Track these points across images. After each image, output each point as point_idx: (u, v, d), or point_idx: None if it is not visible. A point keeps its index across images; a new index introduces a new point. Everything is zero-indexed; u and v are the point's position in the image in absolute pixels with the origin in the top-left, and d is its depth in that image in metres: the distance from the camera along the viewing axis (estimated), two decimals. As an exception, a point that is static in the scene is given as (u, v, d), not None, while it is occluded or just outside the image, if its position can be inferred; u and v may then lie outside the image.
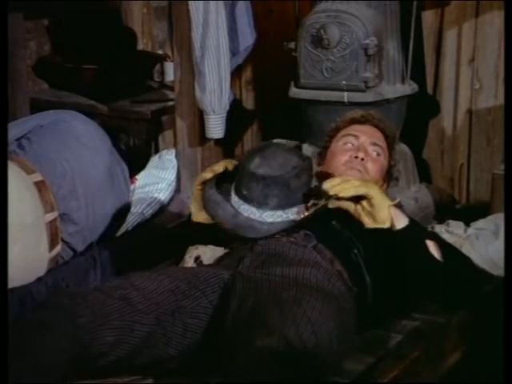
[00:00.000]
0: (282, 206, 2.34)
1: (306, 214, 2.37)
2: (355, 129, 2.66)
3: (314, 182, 2.45)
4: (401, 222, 2.29)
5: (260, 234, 2.35)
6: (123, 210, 2.97)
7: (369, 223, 2.29)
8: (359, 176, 2.52)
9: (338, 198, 2.28)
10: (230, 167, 2.42)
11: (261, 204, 2.33)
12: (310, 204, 2.38)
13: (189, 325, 2.14)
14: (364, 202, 2.27)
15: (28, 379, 1.91)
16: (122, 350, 2.05)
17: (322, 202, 2.36)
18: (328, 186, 2.27)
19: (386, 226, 2.27)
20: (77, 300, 2.05)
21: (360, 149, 2.59)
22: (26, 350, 1.93)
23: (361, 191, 2.25)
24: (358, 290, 2.30)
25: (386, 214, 2.27)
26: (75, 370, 2.02)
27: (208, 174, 2.43)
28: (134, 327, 2.06)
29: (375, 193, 2.27)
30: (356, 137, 2.62)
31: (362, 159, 2.56)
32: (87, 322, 2.00)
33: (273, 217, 2.35)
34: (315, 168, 2.67)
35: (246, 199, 2.35)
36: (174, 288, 2.17)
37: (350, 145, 2.63)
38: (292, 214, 2.36)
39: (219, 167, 2.43)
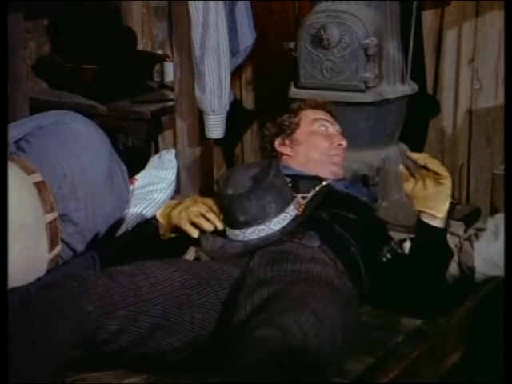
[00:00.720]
0: (281, 208, 2.35)
1: (303, 207, 2.39)
2: (324, 115, 2.72)
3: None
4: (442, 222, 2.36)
5: (270, 242, 2.35)
6: (122, 211, 2.97)
7: (422, 205, 2.33)
8: (341, 170, 2.65)
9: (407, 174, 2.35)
10: (220, 226, 2.39)
11: (263, 217, 2.33)
12: (300, 197, 2.40)
13: (197, 320, 2.14)
14: (431, 184, 2.31)
15: (32, 363, 1.92)
16: (125, 338, 2.06)
17: (310, 194, 2.40)
18: (416, 155, 2.36)
19: (440, 216, 2.32)
20: (85, 285, 2.05)
21: (342, 137, 2.68)
22: (32, 335, 1.94)
23: (443, 171, 2.31)
24: (358, 290, 2.31)
25: (446, 205, 2.32)
26: (78, 357, 2.04)
27: (195, 233, 2.40)
28: (138, 318, 2.06)
29: (449, 182, 2.32)
30: (331, 123, 2.70)
31: (344, 148, 2.67)
32: (94, 309, 2.00)
33: (279, 222, 2.35)
34: (281, 146, 2.71)
35: (247, 223, 2.33)
36: (183, 281, 2.17)
37: (323, 129, 2.69)
38: (292, 210, 2.37)
39: (209, 226, 2.38)
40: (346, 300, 2.15)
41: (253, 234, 2.34)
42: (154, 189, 3.17)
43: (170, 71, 3.87)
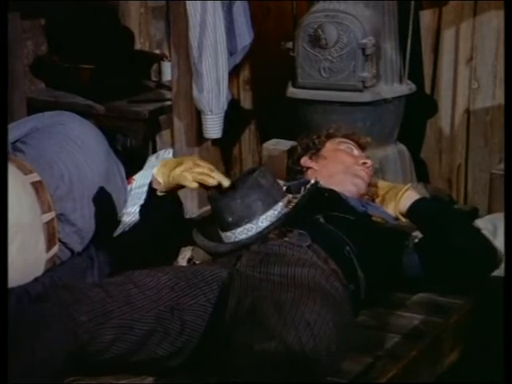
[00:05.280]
0: (268, 205, 2.36)
1: (293, 204, 2.40)
2: (351, 141, 2.85)
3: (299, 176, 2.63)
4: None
5: (258, 238, 2.37)
6: (120, 211, 2.97)
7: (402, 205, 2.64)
8: (363, 184, 2.74)
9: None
10: (226, 182, 2.38)
11: (250, 216, 2.35)
12: (291, 197, 2.43)
13: (187, 322, 2.15)
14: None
15: (26, 374, 1.92)
16: (119, 347, 2.06)
17: (300, 194, 2.44)
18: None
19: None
20: (78, 296, 2.05)
21: (366, 157, 2.79)
22: (25, 345, 1.94)
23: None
24: (353, 287, 2.31)
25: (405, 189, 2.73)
26: (73, 367, 2.03)
27: (196, 187, 2.39)
28: (134, 325, 2.07)
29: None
30: (356, 148, 2.82)
31: (369, 167, 2.76)
32: (87, 320, 2.01)
33: (266, 219, 2.36)
34: (306, 162, 2.82)
35: (235, 223, 2.36)
36: (172, 285, 2.18)
37: (349, 149, 2.80)
38: (281, 208, 2.38)
39: (213, 181, 2.36)
40: (336, 303, 2.17)
41: (242, 233, 2.36)
42: (151, 188, 3.16)
43: (167, 71, 3.86)
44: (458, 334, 2.46)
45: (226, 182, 2.35)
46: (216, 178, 2.35)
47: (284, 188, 2.51)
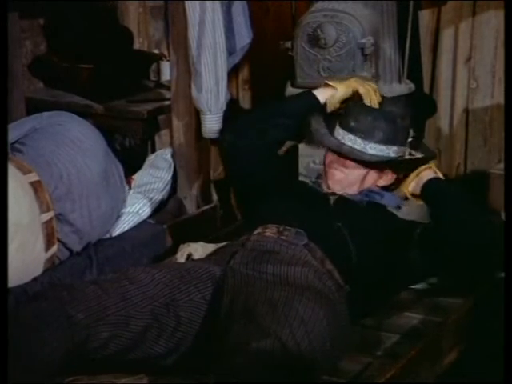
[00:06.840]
0: (385, 141, 2.49)
1: (407, 157, 2.55)
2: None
3: None
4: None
5: (361, 159, 2.49)
6: (119, 210, 2.97)
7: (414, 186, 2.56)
8: (342, 176, 2.56)
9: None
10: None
11: (367, 136, 2.49)
12: (407, 150, 2.56)
13: (182, 318, 2.16)
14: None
15: (23, 373, 1.92)
16: (117, 344, 2.07)
17: (418, 155, 2.59)
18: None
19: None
20: (74, 294, 2.06)
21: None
22: (25, 345, 1.94)
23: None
24: (349, 288, 2.31)
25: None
26: (72, 365, 2.04)
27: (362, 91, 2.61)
28: (130, 322, 2.09)
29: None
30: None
31: (327, 172, 2.60)
32: (84, 318, 2.02)
33: (375, 149, 2.48)
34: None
35: (352, 130, 2.50)
36: (167, 281, 2.20)
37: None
38: (393, 151, 2.51)
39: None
40: (330, 301, 2.18)
41: (349, 141, 2.49)
42: (150, 188, 3.17)
43: (166, 70, 3.86)
44: (458, 334, 2.46)
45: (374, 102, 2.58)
46: (373, 98, 2.58)
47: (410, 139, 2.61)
